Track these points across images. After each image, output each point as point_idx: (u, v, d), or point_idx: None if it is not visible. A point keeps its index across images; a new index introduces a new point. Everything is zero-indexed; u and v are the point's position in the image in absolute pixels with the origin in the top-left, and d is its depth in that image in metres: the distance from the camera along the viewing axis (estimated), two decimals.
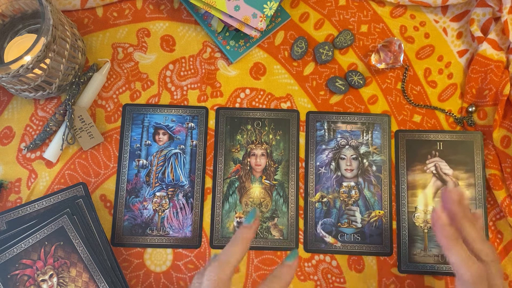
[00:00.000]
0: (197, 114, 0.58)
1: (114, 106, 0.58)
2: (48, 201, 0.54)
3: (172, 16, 0.61)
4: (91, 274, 0.50)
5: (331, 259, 0.55)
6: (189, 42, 0.60)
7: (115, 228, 0.55)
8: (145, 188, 0.56)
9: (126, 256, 0.55)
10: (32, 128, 0.57)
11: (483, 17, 0.59)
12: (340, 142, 0.58)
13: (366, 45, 0.61)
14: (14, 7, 0.53)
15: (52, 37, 0.47)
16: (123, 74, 0.59)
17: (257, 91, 0.59)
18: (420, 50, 0.61)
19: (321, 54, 0.59)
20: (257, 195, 0.56)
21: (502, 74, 0.57)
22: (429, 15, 0.62)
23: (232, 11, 0.54)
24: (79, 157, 0.57)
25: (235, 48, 0.59)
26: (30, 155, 0.57)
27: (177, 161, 0.57)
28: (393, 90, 0.60)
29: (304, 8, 0.62)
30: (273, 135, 0.58)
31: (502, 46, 0.58)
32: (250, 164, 0.57)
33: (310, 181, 0.57)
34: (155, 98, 0.59)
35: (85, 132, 0.56)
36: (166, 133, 0.58)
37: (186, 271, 0.55)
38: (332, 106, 0.59)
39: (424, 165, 0.57)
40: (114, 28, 0.60)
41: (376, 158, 0.57)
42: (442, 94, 0.60)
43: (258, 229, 0.45)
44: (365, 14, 0.62)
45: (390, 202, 0.56)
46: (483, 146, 0.57)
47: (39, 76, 0.50)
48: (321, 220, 0.56)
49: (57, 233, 0.51)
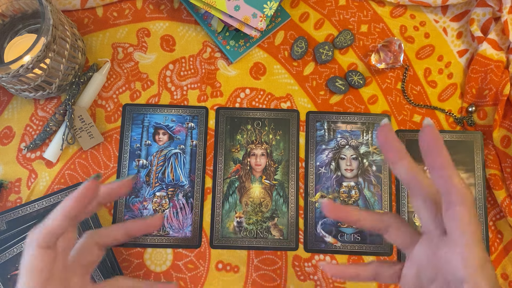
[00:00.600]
0: (197, 114, 0.58)
1: (114, 106, 0.58)
2: (48, 201, 0.54)
3: (172, 16, 0.61)
4: (91, 274, 0.50)
5: (331, 259, 0.55)
6: (189, 42, 0.60)
7: None
8: (145, 188, 0.56)
9: (126, 256, 0.55)
10: (32, 128, 0.57)
11: (483, 17, 0.59)
12: (340, 142, 0.58)
13: (366, 45, 0.61)
14: (14, 7, 0.53)
15: (52, 37, 0.47)
16: (123, 74, 0.59)
17: (257, 91, 0.59)
18: (420, 50, 0.61)
19: (321, 54, 0.59)
20: (257, 195, 0.56)
21: (502, 74, 0.57)
22: (429, 15, 0.62)
23: (232, 11, 0.54)
24: (79, 157, 0.57)
25: (235, 48, 0.59)
26: (30, 155, 0.57)
27: (177, 161, 0.57)
28: (393, 90, 0.60)
29: (304, 8, 0.62)
30: (273, 135, 0.58)
31: (502, 46, 0.58)
32: (250, 164, 0.57)
33: (310, 181, 0.57)
34: (155, 98, 0.59)
35: (85, 132, 0.56)
36: (166, 133, 0.58)
37: (186, 271, 0.55)
38: (332, 106, 0.59)
39: (424, 165, 0.57)
40: (114, 28, 0.60)
41: (376, 158, 0.57)
42: (442, 94, 0.60)
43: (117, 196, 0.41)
44: (365, 14, 0.62)
45: (390, 202, 0.56)
46: (483, 146, 0.57)
47: (39, 76, 0.50)
48: (321, 220, 0.56)
49: None
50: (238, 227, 0.56)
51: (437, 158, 0.29)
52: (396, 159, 0.32)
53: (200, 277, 0.54)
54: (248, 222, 0.56)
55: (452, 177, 0.29)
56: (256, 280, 0.55)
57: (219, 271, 0.55)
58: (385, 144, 0.31)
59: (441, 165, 0.29)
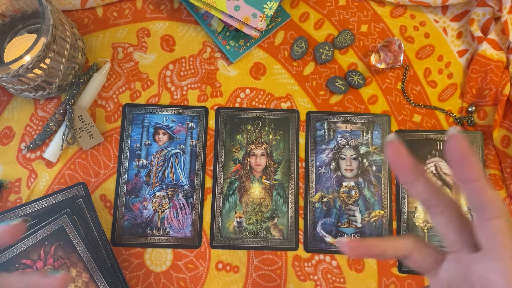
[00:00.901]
0: (197, 114, 0.58)
1: (114, 106, 0.58)
2: (48, 201, 0.54)
3: (172, 16, 0.61)
4: (91, 274, 0.50)
5: (331, 259, 0.55)
6: (189, 42, 0.60)
7: (115, 228, 0.55)
8: (145, 188, 0.56)
9: (126, 256, 0.55)
10: (32, 128, 0.57)
11: (483, 17, 0.59)
12: (340, 142, 0.58)
13: (366, 45, 0.61)
14: (14, 7, 0.53)
15: (52, 37, 0.47)
16: (123, 74, 0.59)
17: (257, 91, 0.59)
18: (420, 50, 0.61)
19: (321, 54, 0.59)
20: (257, 195, 0.56)
21: (502, 74, 0.57)
22: (429, 15, 0.62)
23: (232, 11, 0.54)
24: (79, 157, 0.57)
25: (235, 48, 0.59)
26: (30, 155, 0.57)
27: (177, 161, 0.57)
28: (393, 90, 0.60)
29: (304, 8, 0.62)
30: (273, 135, 0.58)
31: (502, 46, 0.58)
32: (250, 164, 0.57)
33: (310, 181, 0.57)
34: (155, 98, 0.59)
35: (85, 132, 0.56)
36: (166, 133, 0.58)
37: (186, 271, 0.55)
38: (332, 106, 0.59)
39: (424, 165, 0.57)
40: (114, 28, 0.60)
41: (376, 158, 0.57)
42: (442, 94, 0.60)
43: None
44: (365, 14, 0.62)
45: (390, 202, 0.56)
46: (483, 146, 0.57)
47: (39, 76, 0.50)
48: (321, 220, 0.56)
49: (57, 233, 0.51)
50: (238, 227, 0.56)
51: (469, 171, 0.27)
52: (412, 179, 0.29)
53: (200, 277, 0.54)
54: (248, 222, 0.56)
55: (486, 190, 0.27)
56: (256, 280, 0.55)
57: (219, 271, 0.55)
58: (397, 163, 0.28)
59: (474, 177, 0.27)
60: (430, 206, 0.29)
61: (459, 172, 0.27)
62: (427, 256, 0.30)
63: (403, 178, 0.28)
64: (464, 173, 0.27)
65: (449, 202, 0.29)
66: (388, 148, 0.28)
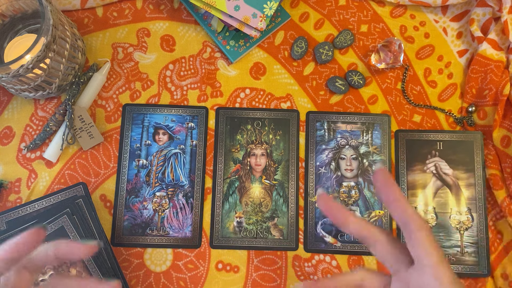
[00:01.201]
0: (197, 114, 0.58)
1: (114, 106, 0.58)
2: (48, 201, 0.54)
3: (172, 16, 0.61)
4: (91, 274, 0.50)
5: (331, 259, 0.55)
6: (189, 42, 0.60)
7: (115, 228, 0.55)
8: (145, 188, 0.56)
9: (126, 256, 0.55)
10: (32, 128, 0.57)
11: (483, 17, 0.59)
12: (340, 142, 0.58)
13: (366, 45, 0.61)
14: (14, 7, 0.53)
15: (52, 37, 0.47)
16: (123, 74, 0.59)
17: (257, 91, 0.59)
18: (420, 50, 0.61)
19: (321, 54, 0.59)
20: (257, 195, 0.56)
21: (502, 74, 0.57)
22: (429, 15, 0.62)
23: (232, 11, 0.54)
24: (79, 157, 0.57)
25: (235, 48, 0.59)
26: (30, 155, 0.57)
27: (177, 161, 0.57)
28: (393, 90, 0.60)
29: (304, 8, 0.62)
30: (273, 135, 0.58)
31: (502, 46, 0.58)
32: (250, 164, 0.57)
33: (310, 181, 0.57)
34: (155, 98, 0.59)
35: (85, 132, 0.56)
36: (166, 133, 0.58)
37: (186, 271, 0.55)
38: (332, 106, 0.59)
39: (424, 165, 0.57)
40: (114, 28, 0.60)
41: (376, 158, 0.57)
42: (442, 94, 0.60)
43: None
44: (365, 14, 0.62)
45: None
46: (483, 146, 0.57)
47: (39, 76, 0.50)
48: (321, 220, 0.56)
49: (57, 233, 0.51)
50: (238, 227, 0.56)
51: (391, 193, 0.32)
52: (343, 220, 0.34)
53: (200, 277, 0.54)
54: (248, 222, 0.56)
55: (407, 208, 0.31)
56: (256, 280, 0.55)
57: (219, 271, 0.55)
58: (328, 211, 0.34)
59: (395, 198, 0.32)
60: (364, 238, 0.34)
61: (384, 195, 0.33)
62: (376, 282, 0.34)
63: (335, 221, 0.34)
64: (387, 195, 0.32)
65: (379, 232, 0.33)
66: (319, 200, 0.35)
